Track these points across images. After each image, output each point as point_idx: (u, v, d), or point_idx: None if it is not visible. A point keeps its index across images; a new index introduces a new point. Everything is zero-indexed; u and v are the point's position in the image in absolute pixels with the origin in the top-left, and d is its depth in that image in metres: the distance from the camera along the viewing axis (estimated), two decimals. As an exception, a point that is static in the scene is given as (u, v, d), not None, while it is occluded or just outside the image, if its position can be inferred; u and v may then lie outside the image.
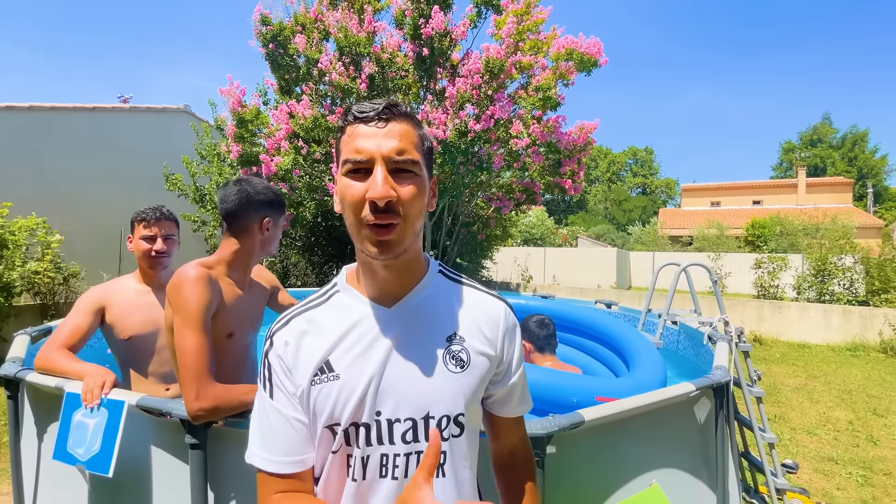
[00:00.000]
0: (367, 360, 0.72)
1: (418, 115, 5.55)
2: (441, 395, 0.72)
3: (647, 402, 1.44)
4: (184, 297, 1.21)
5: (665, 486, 1.42)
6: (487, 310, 0.80)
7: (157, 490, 1.33)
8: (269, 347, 0.76)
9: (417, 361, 0.72)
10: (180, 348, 1.17)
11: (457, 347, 0.75)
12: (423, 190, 0.71)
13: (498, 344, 0.79)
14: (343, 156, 0.70)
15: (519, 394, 0.85)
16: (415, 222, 0.70)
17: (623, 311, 4.07)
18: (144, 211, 1.82)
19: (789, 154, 46.26)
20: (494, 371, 0.79)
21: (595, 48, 5.25)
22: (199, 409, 1.14)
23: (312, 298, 0.81)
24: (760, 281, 9.52)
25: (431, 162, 0.77)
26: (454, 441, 0.74)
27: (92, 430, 1.29)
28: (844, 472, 3.48)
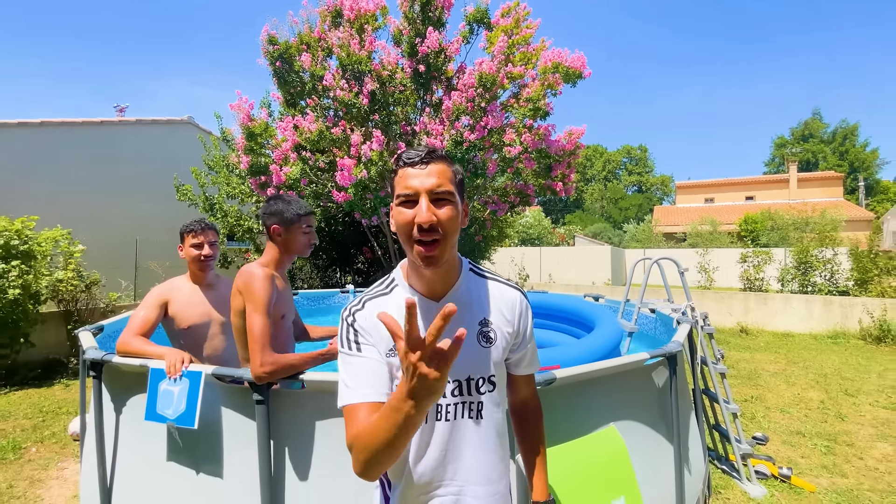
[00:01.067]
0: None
1: (416, 126, 5.93)
2: (477, 363, 1.00)
3: (609, 366, 1.82)
4: (255, 289, 1.63)
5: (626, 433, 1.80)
6: (507, 297, 1.07)
7: (227, 441, 1.70)
8: (353, 320, 1.01)
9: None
10: (250, 327, 1.57)
11: (486, 329, 1.02)
12: (457, 212, 0.96)
13: (515, 322, 1.06)
14: (397, 191, 0.96)
15: (529, 357, 1.13)
16: (452, 238, 0.95)
17: (609, 303, 4.46)
18: (191, 223, 2.21)
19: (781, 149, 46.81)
20: (513, 342, 1.06)
21: (579, 62, 5.65)
22: (262, 372, 1.53)
23: (379, 288, 1.07)
24: (746, 274, 9.92)
25: (463, 190, 1.01)
26: (489, 394, 1.01)
27: (177, 395, 1.66)
28: (810, 443, 3.84)
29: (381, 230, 7.69)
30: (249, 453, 1.63)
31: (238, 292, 1.66)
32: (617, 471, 1.56)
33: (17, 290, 5.07)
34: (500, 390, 1.05)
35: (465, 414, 1.00)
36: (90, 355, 1.99)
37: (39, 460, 3.48)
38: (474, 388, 1.01)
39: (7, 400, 4.79)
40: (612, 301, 4.37)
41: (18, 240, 5.31)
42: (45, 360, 5.86)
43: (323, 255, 9.25)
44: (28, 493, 3.02)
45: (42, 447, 3.71)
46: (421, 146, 1.03)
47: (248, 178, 6.80)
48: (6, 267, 5.08)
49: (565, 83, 5.79)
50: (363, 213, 6.07)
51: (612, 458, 1.57)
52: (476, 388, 1.01)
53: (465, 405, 1.00)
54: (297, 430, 1.64)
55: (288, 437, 1.65)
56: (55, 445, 3.74)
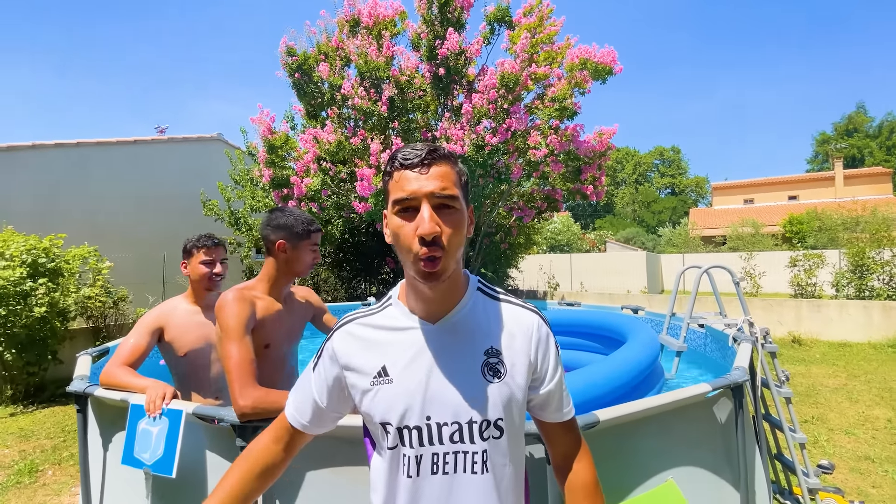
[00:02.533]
0: (416, 369, 0.83)
1: (436, 132, 5.72)
2: (481, 402, 0.82)
3: (662, 402, 1.50)
4: (225, 315, 1.42)
5: (685, 485, 1.47)
6: (521, 322, 0.88)
7: (212, 488, 1.48)
8: (329, 340, 0.91)
9: (459, 373, 0.82)
10: (224, 358, 1.35)
11: (493, 360, 0.84)
12: (463, 223, 0.81)
13: (531, 354, 0.87)
14: (392, 196, 0.80)
15: (557, 400, 0.91)
16: (456, 252, 0.80)
17: (649, 316, 4.08)
18: (200, 238, 2.02)
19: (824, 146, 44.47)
20: (531, 378, 0.87)
21: (609, 57, 5.32)
22: (242, 407, 1.30)
23: (371, 308, 0.93)
24: (797, 279, 9.20)
25: (468, 192, 0.86)
26: (494, 442, 0.82)
27: (155, 436, 1.45)
28: (881, 469, 3.38)
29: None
30: None
31: (216, 322, 1.44)
32: (678, 537, 1.24)
33: (44, 308, 5.10)
34: (512, 439, 0.85)
35: (466, 467, 0.82)
36: (73, 387, 1.82)
37: (54, 485, 3.39)
38: (477, 434, 0.82)
39: (32, 419, 4.79)
40: (654, 314, 3.99)
41: (46, 258, 5.37)
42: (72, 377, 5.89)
43: (347, 266, 9.16)
44: (37, 522, 2.91)
45: (59, 470, 3.63)
46: (419, 144, 0.82)
47: (270, 190, 6.77)
48: (34, 285, 5.13)
49: (594, 80, 5.47)
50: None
51: (673, 522, 1.25)
52: (479, 435, 0.82)
53: (465, 456, 0.82)
54: (287, 481, 1.40)
55: (276, 489, 1.40)
56: (71, 468, 3.66)
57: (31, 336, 5.16)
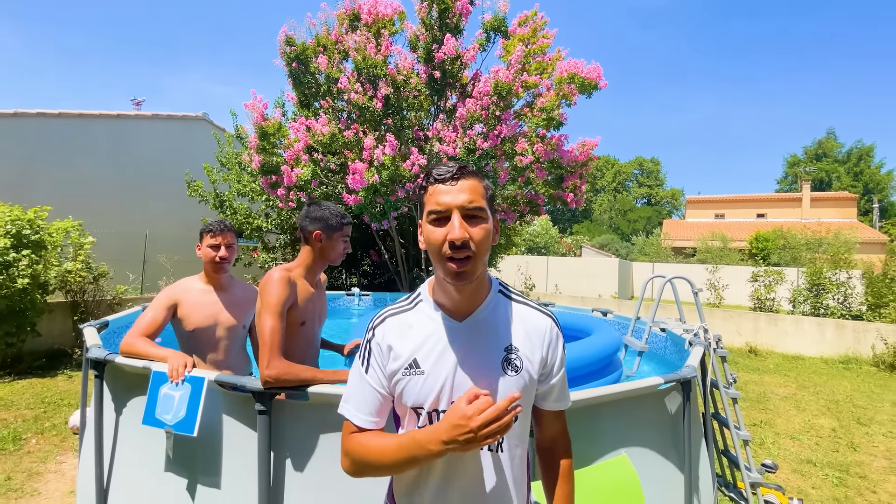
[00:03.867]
0: (445, 362, 0.94)
1: (429, 132, 5.91)
2: (502, 392, 0.93)
3: (620, 390, 1.76)
4: (268, 291, 1.62)
5: (637, 462, 1.74)
6: (536, 323, 1.00)
7: (226, 450, 1.67)
8: (372, 337, 1.01)
9: (482, 366, 0.94)
10: (259, 329, 1.55)
11: (513, 356, 0.96)
12: (489, 231, 0.92)
13: (543, 351, 0.99)
14: (427, 208, 0.93)
15: (557, 391, 1.05)
16: (483, 256, 0.92)
17: (617, 319, 4.39)
18: (211, 223, 2.16)
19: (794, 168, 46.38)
20: (541, 373, 0.99)
21: (595, 73, 5.61)
22: (267, 376, 1.50)
23: (403, 303, 1.05)
24: (757, 293, 9.77)
25: (493, 204, 0.98)
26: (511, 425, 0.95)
27: (177, 400, 1.63)
28: (821, 473, 3.73)
29: (389, 234, 7.67)
30: (249, 464, 1.59)
31: (259, 295, 1.66)
32: (628, 501, 1.50)
33: (27, 280, 5.09)
34: (522, 424, 1.00)
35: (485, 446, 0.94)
36: (93, 354, 1.96)
37: (38, 452, 3.47)
38: None
39: (11, 389, 4.80)
40: (621, 317, 4.29)
41: (30, 229, 5.34)
42: (50, 349, 5.88)
43: (330, 256, 9.23)
44: (25, 486, 3.00)
45: (42, 439, 3.70)
46: (451, 163, 0.98)
47: (259, 176, 6.82)
48: (17, 256, 5.11)
49: (581, 94, 5.75)
50: (373, 216, 6.06)
51: (624, 488, 1.51)
52: None
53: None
54: (300, 443, 1.60)
55: (289, 450, 1.60)
56: (55, 438, 3.73)
57: (11, 307, 5.14)
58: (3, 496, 2.87)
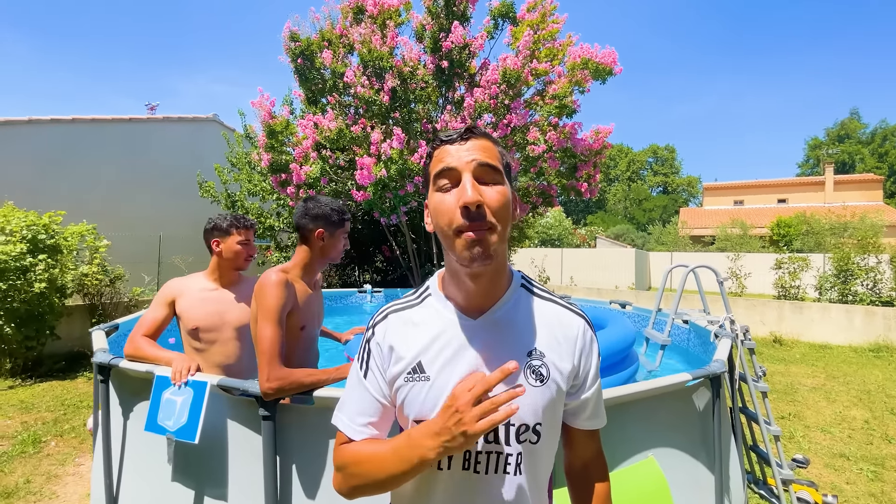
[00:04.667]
0: (455, 366, 0.79)
1: (437, 124, 5.79)
2: (521, 405, 0.76)
3: (646, 388, 1.65)
4: (265, 295, 1.51)
5: (664, 463, 1.63)
6: (566, 325, 0.84)
7: (232, 456, 1.60)
8: (371, 336, 0.86)
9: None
10: (258, 337, 1.46)
11: (537, 363, 0.79)
12: (508, 198, 0.76)
13: (575, 359, 0.82)
14: (433, 172, 0.77)
15: (591, 408, 0.88)
16: (504, 229, 0.75)
17: (637, 311, 4.25)
18: (239, 219, 2.04)
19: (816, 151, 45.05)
20: (571, 384, 0.83)
21: (610, 58, 5.42)
22: (268, 388, 1.42)
23: (409, 297, 0.90)
24: (781, 281, 9.46)
25: (511, 176, 0.81)
26: (531, 447, 0.79)
27: (179, 405, 1.57)
28: (855, 467, 3.56)
29: (400, 229, 7.60)
30: (255, 469, 1.53)
31: (254, 298, 1.56)
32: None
33: (44, 284, 5.14)
34: (547, 443, 0.82)
35: (499, 467, 0.79)
36: (98, 358, 1.93)
37: (57, 455, 3.49)
38: (513, 437, 0.79)
39: (31, 392, 4.87)
40: (641, 309, 4.15)
41: (46, 234, 5.39)
42: (69, 352, 5.95)
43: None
44: (44, 489, 3.01)
45: (61, 441, 3.72)
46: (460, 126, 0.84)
47: (269, 175, 6.80)
48: (33, 261, 5.16)
49: (594, 80, 5.57)
50: (382, 212, 5.98)
51: (652, 493, 1.40)
52: (516, 438, 0.79)
53: (498, 457, 0.79)
54: (306, 448, 1.53)
55: (296, 455, 1.53)
56: (74, 440, 3.75)
57: (30, 311, 5.20)
58: (22, 499, 2.88)
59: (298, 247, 1.73)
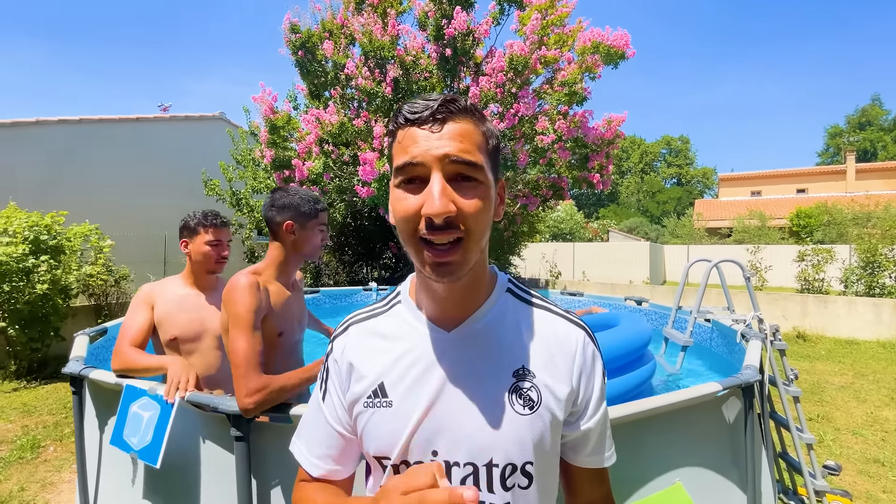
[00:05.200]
0: (422, 390, 0.65)
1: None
2: (506, 439, 0.63)
3: (671, 401, 1.45)
4: (234, 301, 1.33)
5: (691, 485, 1.43)
6: (562, 338, 0.69)
7: (205, 477, 1.44)
8: (330, 352, 0.74)
9: (479, 399, 0.64)
10: (232, 349, 1.29)
11: (526, 385, 0.65)
12: (488, 200, 0.60)
13: (574, 380, 0.67)
14: (395, 163, 0.61)
15: (595, 441, 0.71)
16: (479, 239, 0.60)
17: (653, 308, 4.02)
18: (207, 216, 1.85)
19: (836, 139, 43.75)
20: (569, 411, 0.68)
21: (622, 40, 5.15)
22: (248, 403, 1.25)
23: (376, 305, 0.76)
24: (804, 274, 9.09)
25: (498, 161, 0.66)
26: (520, 492, 0.64)
27: (146, 422, 1.41)
28: (891, 474, 3.32)
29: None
30: (231, 491, 1.37)
31: (223, 306, 1.38)
32: (684, 541, 1.20)
33: (46, 285, 5.09)
34: (541, 488, 0.66)
35: None
36: (69, 368, 1.78)
37: (55, 461, 3.41)
38: (498, 482, 0.63)
39: (35, 394, 4.82)
40: (658, 306, 3.92)
41: (48, 235, 5.34)
42: (75, 353, 5.91)
43: (349, 250, 9.11)
44: (38, 498, 2.92)
45: (59, 446, 3.65)
46: (434, 94, 0.63)
47: (272, 172, 6.68)
48: (36, 262, 5.11)
49: (606, 64, 5.31)
50: (387, 208, 5.81)
51: (679, 526, 1.21)
52: (501, 482, 0.63)
53: None
54: (283, 468, 1.36)
55: (274, 476, 1.37)
56: (72, 445, 3.67)
57: (33, 312, 5.16)
58: (11, 509, 2.79)
59: (270, 244, 1.54)
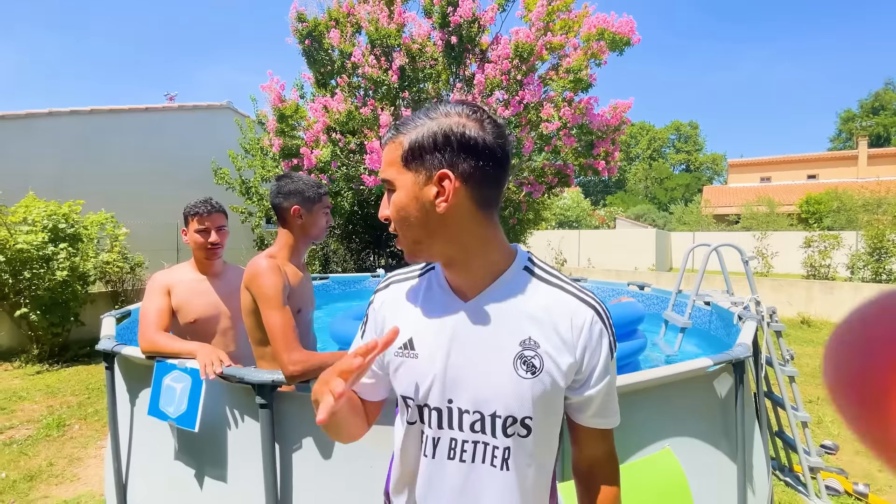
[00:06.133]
0: (442, 347, 0.77)
1: (449, 103, 5.62)
2: (509, 396, 0.74)
3: (663, 374, 1.55)
4: (261, 284, 1.44)
5: (682, 454, 1.54)
6: (571, 313, 0.76)
7: (231, 443, 1.57)
8: (371, 302, 0.89)
9: (488, 361, 0.75)
10: (268, 326, 1.40)
11: (529, 353, 0.74)
12: (401, 200, 0.73)
13: (578, 352, 0.75)
14: None
15: (597, 405, 0.80)
16: (407, 232, 0.75)
17: (656, 292, 4.10)
18: (196, 205, 1.93)
19: (848, 124, 42.94)
20: (573, 378, 0.77)
21: (627, 27, 5.15)
22: (292, 371, 1.37)
23: (414, 269, 0.89)
24: (810, 260, 9.10)
25: (435, 150, 0.71)
26: (519, 440, 0.76)
27: (179, 392, 1.54)
28: (889, 453, 3.41)
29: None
30: (254, 456, 1.49)
31: (246, 289, 1.49)
32: (674, 499, 1.31)
33: (66, 272, 5.26)
34: (541, 439, 0.78)
35: (486, 458, 0.76)
36: (102, 345, 1.92)
37: (80, 438, 3.59)
38: (500, 429, 0.75)
39: (57, 377, 5.02)
40: (660, 290, 4.00)
41: (66, 223, 5.49)
42: (94, 338, 6.05)
43: (356, 238, 9.22)
44: (66, 472, 3.10)
45: (84, 425, 3.83)
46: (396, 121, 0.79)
47: (280, 160, 6.77)
48: (55, 249, 5.27)
49: (611, 51, 5.31)
50: (394, 195, 5.88)
51: (668, 485, 1.32)
52: (503, 430, 0.75)
53: (485, 448, 0.76)
54: (303, 435, 1.48)
55: (294, 442, 1.50)
56: (97, 423, 3.86)
57: (54, 298, 5.33)
58: (44, 482, 2.96)
59: (279, 230, 1.64)
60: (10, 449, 3.39)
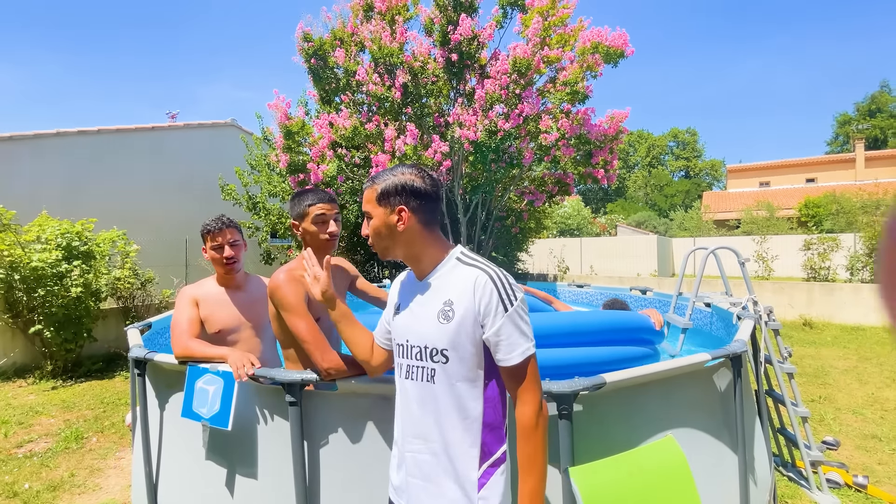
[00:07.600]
0: (406, 307, 1.24)
1: (449, 117, 5.80)
2: (433, 336, 1.14)
3: (664, 368, 1.65)
4: (283, 295, 1.55)
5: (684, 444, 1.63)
6: (474, 278, 1.13)
7: (261, 441, 1.68)
8: (393, 282, 1.38)
9: (425, 314, 1.17)
10: (297, 333, 1.51)
11: (447, 308, 1.14)
12: (376, 224, 1.20)
13: (475, 302, 1.11)
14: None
15: (506, 343, 1.10)
16: (380, 243, 1.22)
17: (658, 296, 4.20)
18: (209, 223, 2.08)
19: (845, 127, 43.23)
20: (479, 322, 1.11)
21: (620, 40, 5.33)
22: (328, 369, 1.47)
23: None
24: (810, 262, 9.18)
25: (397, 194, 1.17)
26: (442, 365, 1.14)
27: (212, 394, 1.65)
28: (888, 448, 3.47)
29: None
30: (283, 453, 1.59)
31: (271, 301, 1.60)
32: (676, 484, 1.41)
33: (79, 289, 5.38)
34: (457, 366, 1.13)
35: (422, 376, 1.17)
36: (134, 353, 2.02)
37: (99, 450, 3.67)
38: (428, 356, 1.15)
39: (72, 391, 5.11)
40: (661, 294, 4.11)
41: (79, 241, 5.63)
42: (106, 353, 6.22)
43: (361, 250, 9.35)
44: (88, 482, 3.18)
45: (102, 437, 3.91)
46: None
47: (287, 176, 6.93)
48: (69, 267, 5.40)
49: (606, 64, 5.49)
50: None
51: (671, 471, 1.41)
52: (430, 357, 1.16)
53: (422, 370, 1.17)
54: (331, 432, 1.59)
55: (321, 438, 1.60)
56: (114, 435, 3.94)
57: (67, 315, 5.45)
58: (67, 492, 3.05)
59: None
60: (32, 461, 3.48)
